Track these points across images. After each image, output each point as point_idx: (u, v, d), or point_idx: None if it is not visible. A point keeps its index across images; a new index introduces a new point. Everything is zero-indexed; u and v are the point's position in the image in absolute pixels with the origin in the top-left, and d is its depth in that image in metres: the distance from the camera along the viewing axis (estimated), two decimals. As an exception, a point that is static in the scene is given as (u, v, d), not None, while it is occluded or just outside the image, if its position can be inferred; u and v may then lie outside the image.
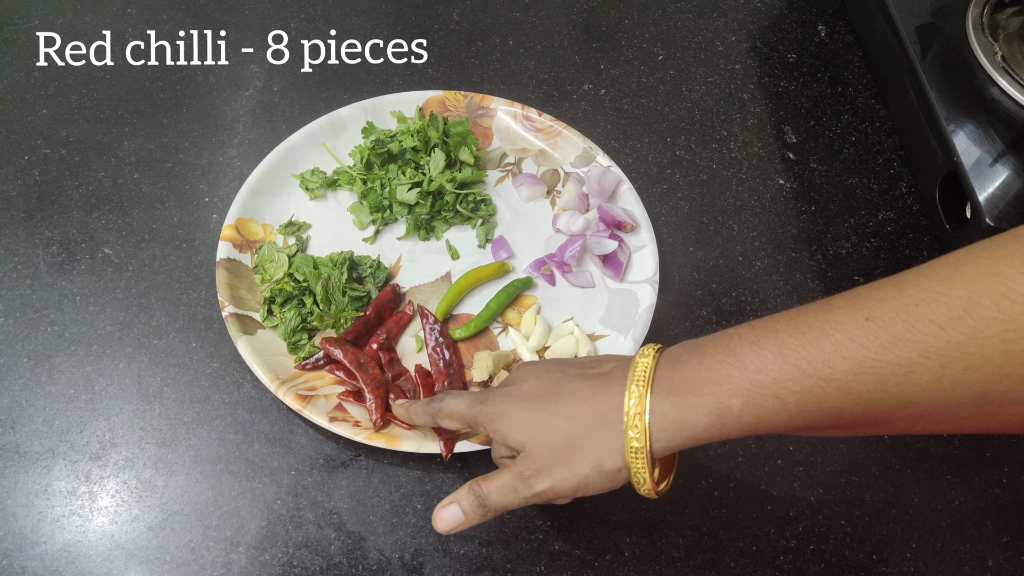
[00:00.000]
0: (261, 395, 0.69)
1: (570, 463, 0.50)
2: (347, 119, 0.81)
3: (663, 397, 0.48)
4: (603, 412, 0.49)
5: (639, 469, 0.49)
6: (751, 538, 0.65)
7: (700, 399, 0.47)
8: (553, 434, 0.51)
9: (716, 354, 0.47)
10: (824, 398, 0.44)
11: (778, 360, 0.45)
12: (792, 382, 0.44)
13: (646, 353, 0.50)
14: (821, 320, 0.45)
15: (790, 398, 0.45)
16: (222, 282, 0.71)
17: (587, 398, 0.51)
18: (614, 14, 0.96)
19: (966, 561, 0.65)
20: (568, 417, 0.50)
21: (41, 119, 0.83)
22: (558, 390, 0.52)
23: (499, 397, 0.54)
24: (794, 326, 0.45)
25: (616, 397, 0.49)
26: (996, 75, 0.76)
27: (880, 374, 0.42)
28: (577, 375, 0.52)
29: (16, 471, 0.65)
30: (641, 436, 0.48)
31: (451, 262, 0.77)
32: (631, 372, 0.49)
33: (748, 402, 0.46)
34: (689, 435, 0.48)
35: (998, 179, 0.72)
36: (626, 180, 0.79)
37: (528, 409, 0.52)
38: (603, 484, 0.50)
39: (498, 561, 0.63)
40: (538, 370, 0.55)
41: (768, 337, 0.46)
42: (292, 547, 0.63)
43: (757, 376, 0.45)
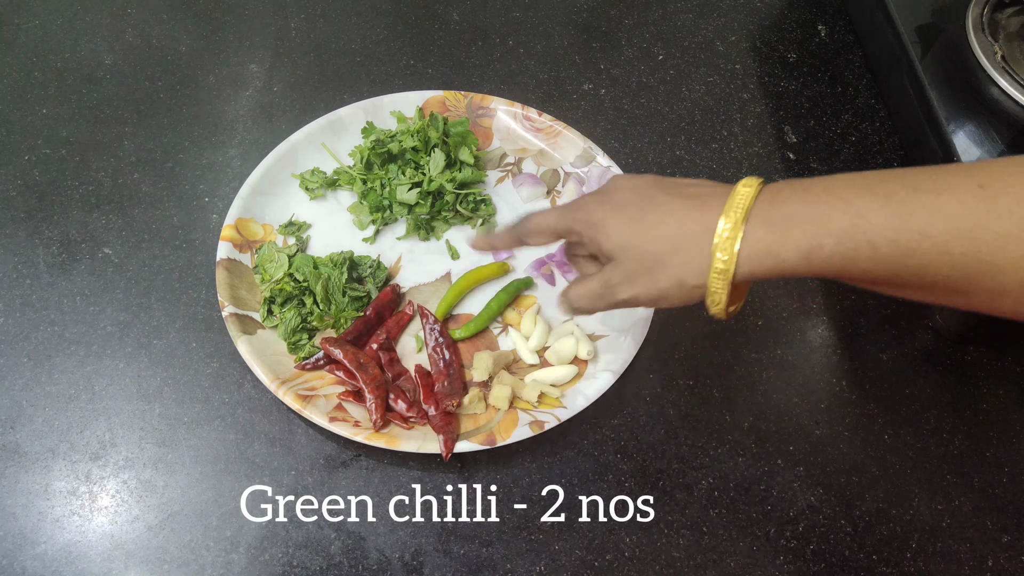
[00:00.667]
0: (261, 395, 0.69)
1: (654, 276, 0.52)
2: (347, 119, 0.81)
3: (757, 226, 0.49)
4: (694, 232, 0.51)
5: (718, 289, 0.51)
6: (751, 538, 0.65)
7: (793, 233, 0.48)
8: (643, 248, 0.52)
9: (820, 192, 0.48)
10: (915, 252, 0.45)
11: (882, 208, 0.46)
12: (890, 231, 0.45)
13: (749, 183, 0.51)
14: (935, 180, 0.46)
15: (884, 246, 0.46)
16: (222, 282, 0.71)
17: (681, 216, 0.52)
18: (614, 14, 0.96)
19: (966, 561, 0.65)
20: (659, 233, 0.52)
21: (41, 119, 0.83)
22: (654, 204, 0.53)
23: (594, 204, 0.55)
24: (905, 180, 0.46)
25: (710, 219, 0.50)
26: (996, 75, 0.76)
27: (976, 240, 0.44)
28: (673, 192, 0.53)
29: (16, 471, 0.65)
30: (729, 260, 0.49)
31: (451, 262, 0.77)
32: (730, 199, 0.50)
33: (841, 243, 0.47)
34: (774, 266, 0.49)
35: (998, 179, 0.72)
36: (626, 180, 0.79)
37: (623, 220, 0.53)
38: (681, 299, 0.53)
39: (498, 561, 0.63)
40: (635, 183, 0.55)
41: (878, 186, 0.47)
42: (292, 547, 0.63)
43: (856, 220, 0.46)
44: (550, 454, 0.68)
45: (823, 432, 0.70)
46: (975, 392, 0.73)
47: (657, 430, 0.69)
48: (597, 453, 0.68)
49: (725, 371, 0.72)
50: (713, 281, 0.50)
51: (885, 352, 0.74)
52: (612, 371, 0.69)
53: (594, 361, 0.71)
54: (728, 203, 0.50)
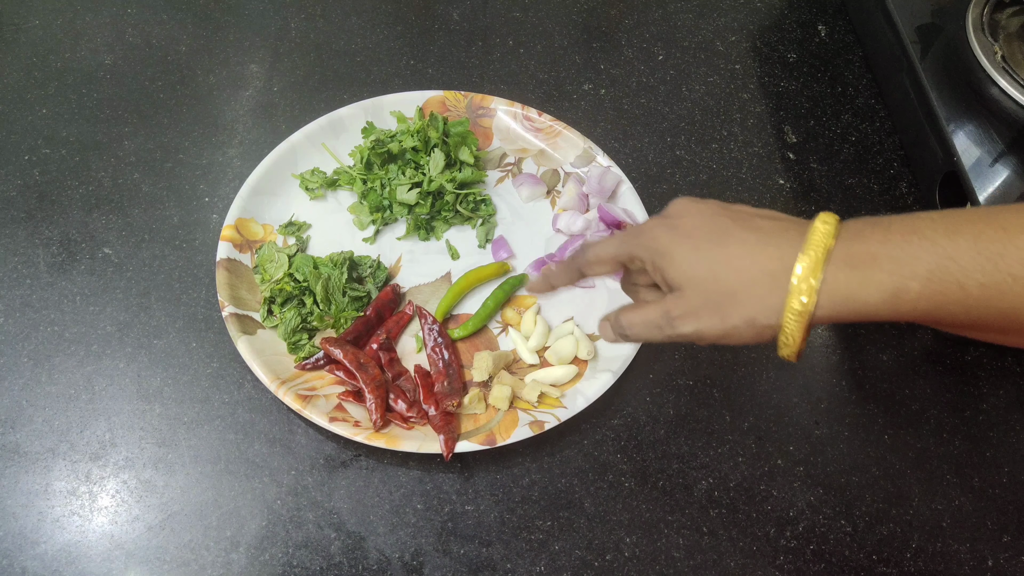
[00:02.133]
0: (261, 395, 0.69)
1: (723, 312, 0.49)
2: (347, 119, 0.81)
3: (839, 266, 0.47)
4: (770, 269, 0.48)
5: (792, 331, 0.48)
6: (751, 538, 0.65)
7: (878, 275, 0.46)
8: (714, 282, 0.49)
9: (904, 232, 0.46)
10: (1007, 295, 0.44)
11: (971, 249, 0.44)
12: (980, 273, 0.44)
13: (826, 220, 0.48)
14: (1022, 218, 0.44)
15: (974, 289, 0.44)
16: (222, 282, 0.71)
17: (756, 251, 0.49)
18: (614, 14, 0.96)
19: (966, 561, 0.65)
20: (733, 268, 0.49)
21: (41, 119, 0.83)
22: (725, 235, 0.50)
23: (660, 229, 0.52)
24: (992, 220, 0.45)
25: (787, 256, 0.48)
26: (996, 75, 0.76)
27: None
28: (745, 223, 0.51)
29: (16, 471, 0.65)
30: (809, 302, 0.47)
31: (451, 262, 0.77)
32: (809, 235, 0.48)
33: (928, 286, 0.45)
34: (856, 309, 0.47)
35: (998, 179, 0.72)
36: (626, 180, 0.79)
37: (691, 249, 0.50)
38: (750, 338, 0.50)
39: (498, 561, 0.63)
40: (702, 209, 0.52)
41: (965, 227, 0.45)
42: (292, 547, 0.63)
43: (945, 262, 0.45)
44: (550, 454, 0.68)
45: (823, 432, 0.70)
46: (975, 392, 0.73)
47: (657, 430, 0.69)
48: (597, 453, 0.68)
49: (725, 371, 0.72)
50: (788, 322, 0.48)
51: (885, 352, 0.74)
52: (612, 371, 0.69)
53: (594, 361, 0.71)
54: (807, 241, 0.47)
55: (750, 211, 0.52)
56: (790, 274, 0.47)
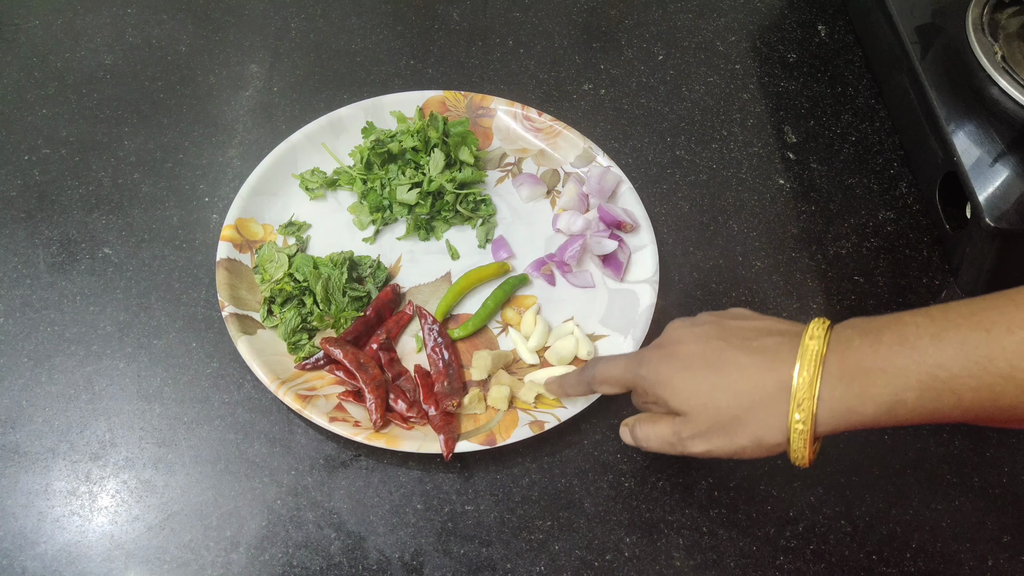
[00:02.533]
0: (261, 395, 0.69)
1: (730, 434, 0.51)
2: (347, 119, 0.81)
3: (833, 383, 0.48)
4: (769, 392, 0.50)
5: (799, 447, 0.50)
6: (751, 538, 0.65)
7: (873, 389, 0.47)
8: (716, 408, 0.51)
9: (892, 343, 0.47)
10: (1002, 396, 0.44)
11: (959, 356, 0.45)
12: (971, 379, 0.44)
13: (815, 334, 0.49)
14: (1007, 317, 0.44)
15: (967, 394, 0.45)
16: (222, 282, 0.71)
17: (752, 375, 0.51)
18: (614, 14, 0.96)
19: (966, 561, 0.65)
20: (732, 393, 0.51)
21: (41, 119, 0.83)
22: (721, 361, 0.52)
23: (658, 361, 0.54)
24: (977, 322, 0.45)
25: (783, 376, 0.49)
26: (996, 75, 0.76)
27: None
28: (740, 346, 0.52)
29: (16, 471, 0.65)
30: (807, 419, 0.48)
31: (451, 262, 0.77)
32: (801, 352, 0.49)
33: (923, 396, 0.46)
34: (856, 422, 0.48)
35: (998, 179, 0.72)
36: (626, 180, 0.79)
37: (689, 378, 0.52)
38: (759, 454, 0.52)
39: (498, 561, 0.63)
40: (697, 334, 0.54)
41: (950, 332, 0.46)
42: (292, 547, 0.63)
43: (935, 371, 0.45)
44: (550, 454, 0.68)
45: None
46: (975, 392, 0.73)
47: (657, 430, 0.69)
48: (597, 453, 0.68)
49: (725, 371, 0.72)
50: (794, 440, 0.50)
51: (885, 352, 0.74)
52: (612, 371, 0.69)
53: (594, 361, 0.71)
54: (800, 357, 0.49)
55: (746, 328, 0.54)
56: (787, 393, 0.49)
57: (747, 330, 0.53)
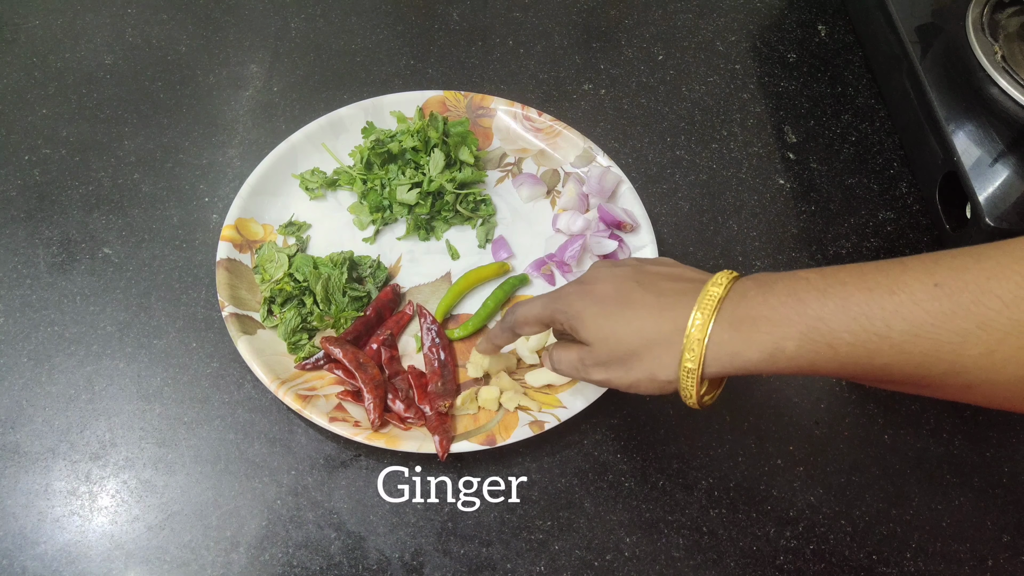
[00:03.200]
0: (261, 395, 0.69)
1: (627, 367, 0.54)
2: (347, 119, 0.81)
3: (723, 328, 0.50)
4: (666, 331, 0.52)
5: (688, 386, 0.52)
6: (751, 538, 0.65)
7: (757, 335, 0.49)
8: (617, 341, 0.54)
9: (781, 295, 0.49)
10: (876, 354, 0.46)
11: (839, 312, 0.47)
12: (848, 334, 0.46)
13: (718, 281, 0.52)
14: (891, 279, 0.46)
15: (843, 348, 0.47)
16: (222, 282, 0.71)
17: (654, 313, 0.53)
18: (614, 14, 0.96)
19: (966, 561, 0.65)
20: (633, 330, 0.54)
21: (41, 119, 0.83)
22: (630, 300, 0.55)
23: (575, 295, 0.57)
24: (863, 281, 0.47)
25: (681, 318, 0.52)
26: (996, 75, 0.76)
27: (935, 340, 0.44)
28: (650, 287, 0.55)
29: (16, 471, 0.65)
30: (696, 360, 0.51)
31: (451, 262, 0.77)
32: (700, 297, 0.51)
33: (802, 346, 0.48)
34: (741, 366, 0.50)
35: (998, 179, 0.72)
36: (626, 180, 0.79)
37: (599, 313, 0.55)
38: (653, 390, 0.54)
39: (498, 561, 0.63)
40: (615, 274, 0.57)
41: (835, 288, 0.48)
42: (292, 547, 0.63)
43: (815, 323, 0.47)
44: (550, 454, 0.68)
45: (823, 432, 0.70)
46: (975, 392, 0.73)
47: (657, 430, 0.69)
48: (597, 453, 0.68)
49: (725, 371, 0.72)
50: (683, 378, 0.52)
51: (885, 352, 0.74)
52: (612, 371, 0.69)
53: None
54: (697, 303, 0.51)
55: (662, 272, 0.56)
56: (682, 335, 0.51)
57: (662, 276, 0.56)
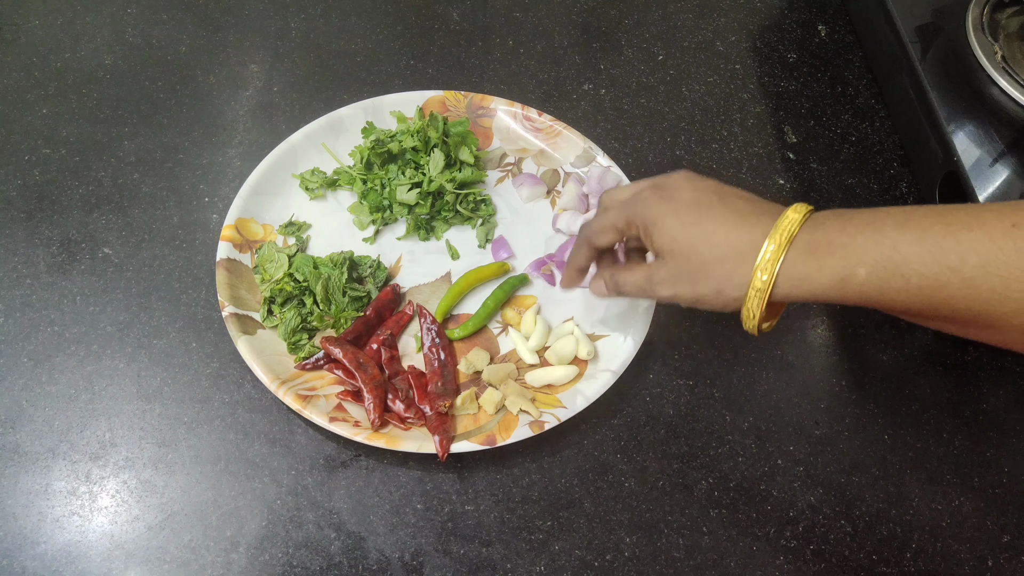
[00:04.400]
0: (261, 395, 0.69)
1: (696, 280, 0.55)
2: (347, 119, 0.81)
3: (798, 251, 0.52)
4: (740, 248, 0.53)
5: (753, 307, 0.53)
6: (751, 538, 0.65)
7: (830, 260, 0.50)
8: (692, 253, 0.55)
9: (860, 224, 0.50)
10: (945, 286, 0.47)
11: (915, 242, 0.48)
12: (920, 264, 0.47)
13: (798, 209, 0.53)
14: (970, 217, 0.47)
15: (914, 279, 0.48)
16: (222, 282, 0.71)
17: (731, 229, 0.54)
18: (614, 14, 0.96)
19: (966, 561, 0.65)
20: (709, 243, 0.55)
21: (41, 119, 0.83)
22: (709, 213, 0.55)
23: (654, 199, 0.58)
24: (942, 216, 0.48)
25: (757, 237, 0.53)
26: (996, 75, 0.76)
27: (1006, 277, 0.45)
28: (729, 204, 0.56)
29: (16, 471, 0.65)
30: (768, 280, 0.52)
31: (451, 262, 0.77)
32: (778, 221, 0.53)
33: (873, 273, 0.49)
34: (810, 290, 0.51)
35: (998, 179, 0.72)
36: (626, 180, 0.79)
37: (676, 222, 0.56)
38: (717, 305, 0.56)
39: (498, 561, 0.63)
40: (696, 185, 0.58)
41: (915, 220, 0.49)
42: (292, 547, 0.63)
43: (890, 252, 0.48)
44: (550, 454, 0.68)
45: (823, 432, 0.70)
46: (975, 392, 0.73)
47: (657, 430, 0.69)
48: (597, 453, 0.68)
49: (725, 371, 0.72)
50: (751, 297, 0.53)
51: (885, 352, 0.74)
52: (612, 371, 0.69)
53: (594, 361, 0.71)
54: (776, 225, 0.52)
55: (740, 194, 0.57)
56: (757, 253, 0.52)
57: (741, 196, 0.57)
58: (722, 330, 0.74)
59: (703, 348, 0.73)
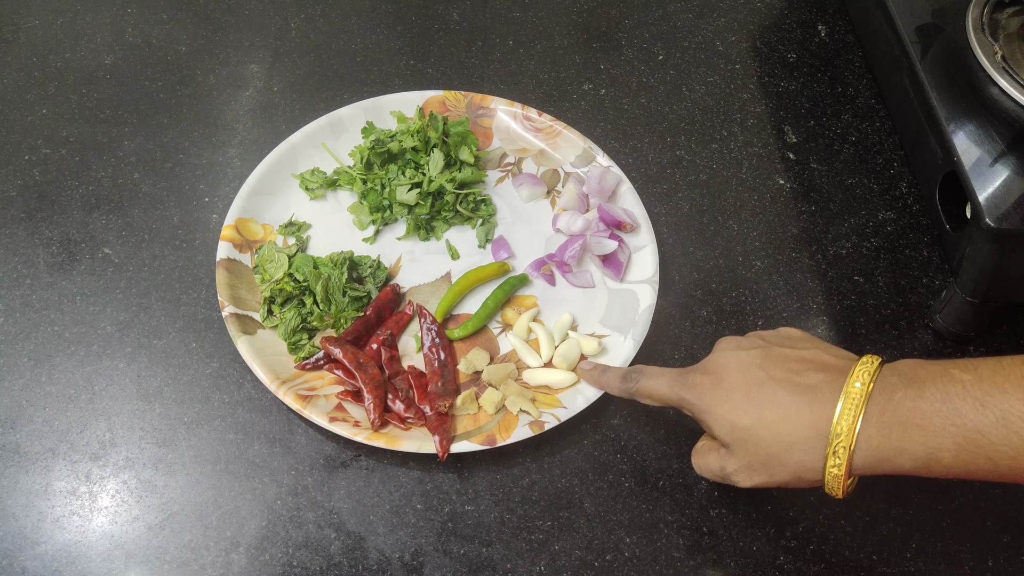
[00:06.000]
0: (261, 395, 0.69)
1: (771, 471, 0.54)
2: (347, 119, 0.81)
3: (871, 432, 0.49)
4: (806, 434, 0.51)
5: (834, 487, 0.52)
6: (751, 538, 0.65)
7: (911, 445, 0.48)
8: (756, 445, 0.53)
9: (934, 401, 0.48)
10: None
11: (999, 425, 0.45)
12: (1009, 448, 0.45)
13: (861, 377, 0.50)
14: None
15: (1003, 461, 0.46)
16: (222, 282, 0.71)
17: (792, 414, 0.52)
18: (614, 14, 0.96)
19: (966, 561, 0.65)
20: (771, 432, 0.52)
21: (41, 119, 0.83)
22: (762, 396, 0.53)
23: (704, 385, 0.56)
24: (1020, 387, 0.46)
25: (822, 421, 0.51)
26: (996, 75, 0.76)
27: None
28: (783, 379, 0.53)
29: (16, 471, 0.65)
30: (842, 466, 0.50)
31: (451, 262, 0.77)
32: (843, 396, 0.50)
33: (959, 457, 0.47)
34: (890, 470, 0.50)
35: (998, 179, 0.72)
36: (626, 180, 0.79)
37: (731, 411, 0.54)
38: (801, 486, 0.54)
39: (498, 561, 0.63)
40: (742, 361, 0.55)
41: (995, 397, 0.46)
42: (292, 547, 0.63)
43: (974, 436, 0.46)
44: (550, 454, 0.68)
45: (823, 432, 0.70)
46: (975, 392, 0.73)
47: (657, 430, 0.69)
48: (597, 453, 0.68)
49: (725, 371, 0.72)
50: (828, 481, 0.52)
51: (885, 352, 0.74)
52: (612, 371, 0.69)
53: (595, 360, 0.71)
54: (841, 406, 0.50)
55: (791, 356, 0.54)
56: (824, 439, 0.50)
57: (793, 361, 0.54)
58: (722, 330, 0.74)
59: (703, 348, 0.73)
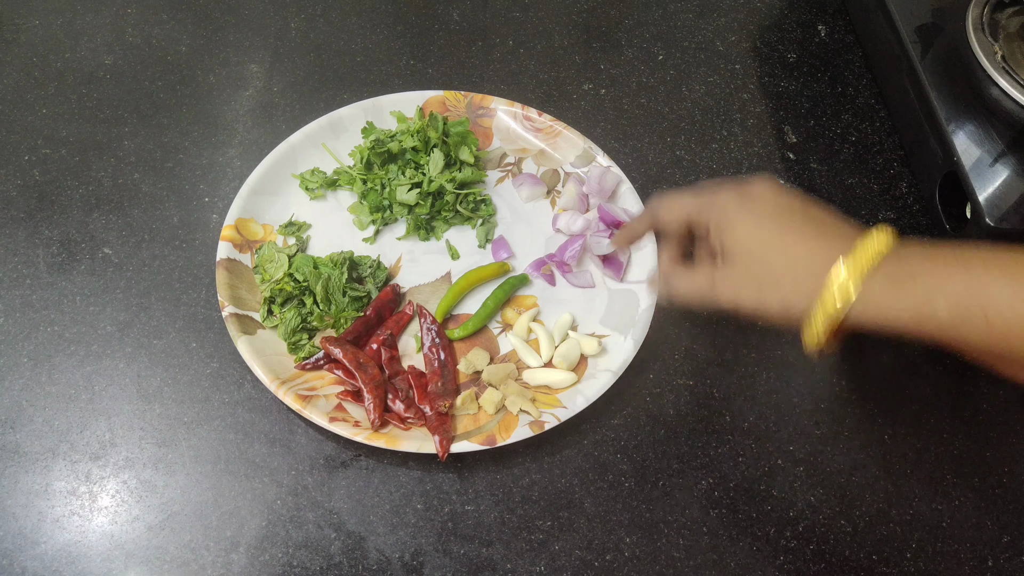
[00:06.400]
0: (261, 395, 0.69)
1: (761, 288, 0.53)
2: (347, 119, 0.81)
3: (878, 279, 0.50)
4: (816, 262, 0.51)
5: (818, 326, 0.51)
6: (751, 538, 0.65)
7: (912, 291, 0.48)
8: (762, 258, 0.53)
9: (945, 258, 0.49)
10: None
11: (1002, 281, 0.46)
12: (1005, 306, 0.46)
13: (881, 235, 0.51)
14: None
15: (997, 319, 0.46)
16: (222, 282, 0.71)
17: (809, 242, 0.52)
18: (614, 14, 0.96)
19: (966, 561, 0.65)
20: (784, 252, 0.53)
21: (41, 119, 0.83)
22: (790, 224, 0.54)
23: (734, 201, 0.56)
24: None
25: (835, 256, 0.51)
26: (996, 75, 0.76)
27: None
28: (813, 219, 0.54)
29: (16, 471, 0.65)
30: (842, 304, 0.50)
31: (451, 262, 0.77)
32: (861, 243, 0.51)
33: (955, 311, 0.47)
34: (883, 319, 0.50)
35: (998, 179, 0.72)
36: (626, 180, 0.79)
37: (753, 226, 0.54)
38: (779, 317, 0.53)
39: (498, 561, 0.63)
40: (780, 197, 0.56)
41: (1003, 258, 0.47)
42: (292, 547, 0.63)
43: (974, 288, 0.47)
44: (550, 454, 0.68)
45: (823, 432, 0.70)
46: (975, 392, 0.73)
47: (657, 430, 0.69)
48: (597, 453, 0.68)
49: (725, 371, 0.72)
50: (819, 318, 0.51)
51: (885, 352, 0.74)
52: (612, 371, 0.69)
53: (594, 360, 0.71)
54: (859, 248, 0.50)
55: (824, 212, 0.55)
56: (833, 271, 0.50)
57: (826, 214, 0.55)
58: (722, 330, 0.74)
59: (703, 348, 0.73)
